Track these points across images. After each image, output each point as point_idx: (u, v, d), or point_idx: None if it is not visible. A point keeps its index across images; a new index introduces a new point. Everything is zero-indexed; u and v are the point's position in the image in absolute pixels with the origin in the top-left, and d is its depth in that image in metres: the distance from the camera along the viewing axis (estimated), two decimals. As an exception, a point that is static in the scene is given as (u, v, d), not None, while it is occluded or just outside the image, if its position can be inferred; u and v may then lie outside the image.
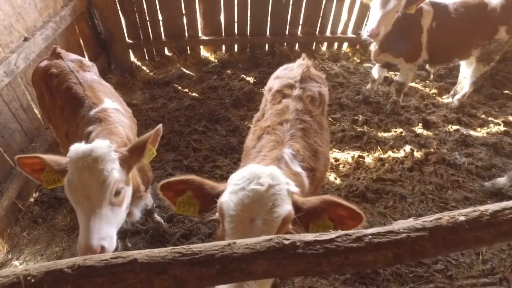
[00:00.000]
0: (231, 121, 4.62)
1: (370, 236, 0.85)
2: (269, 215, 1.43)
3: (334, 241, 0.83)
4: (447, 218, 0.95)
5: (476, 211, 0.97)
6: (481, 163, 4.33)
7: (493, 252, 3.40)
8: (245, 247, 0.78)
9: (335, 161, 4.13)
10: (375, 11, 3.99)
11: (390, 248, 0.85)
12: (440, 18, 4.25)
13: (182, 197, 1.63)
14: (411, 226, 0.90)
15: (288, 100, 2.44)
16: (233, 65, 5.76)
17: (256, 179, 1.51)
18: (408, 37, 4.31)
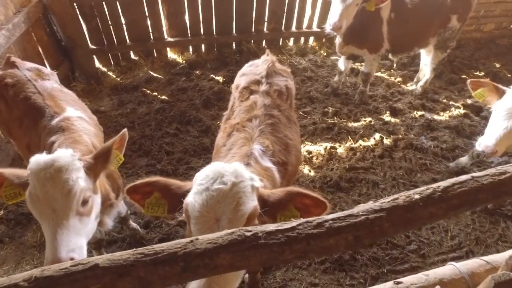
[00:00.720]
0: (202, 122, 4.59)
1: (330, 221, 0.88)
2: (233, 214, 1.44)
3: (295, 229, 0.85)
4: (403, 197, 0.99)
5: (429, 189, 1.03)
6: (445, 145, 4.54)
7: (460, 228, 3.59)
8: (208, 242, 0.79)
9: (308, 153, 4.20)
10: (336, 5, 4.05)
11: (350, 231, 0.88)
12: (398, 9, 4.40)
13: (150, 199, 1.63)
14: (369, 208, 0.94)
15: (256, 96, 2.46)
16: (201, 66, 5.71)
17: (220, 178, 1.51)
18: (369, 29, 4.44)
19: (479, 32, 7.05)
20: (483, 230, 3.62)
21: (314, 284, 3.08)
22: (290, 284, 3.05)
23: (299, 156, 2.52)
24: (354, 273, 3.18)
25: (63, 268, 0.73)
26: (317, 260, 3.22)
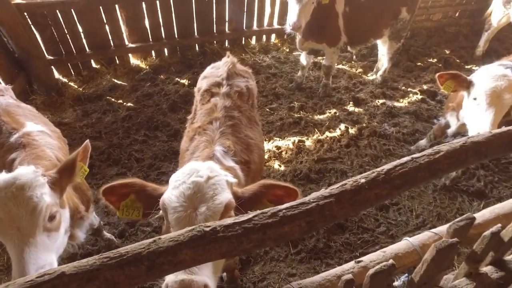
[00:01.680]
0: (170, 126, 4.58)
1: (284, 210, 0.96)
2: (211, 202, 1.51)
3: (251, 220, 0.92)
4: (351, 182, 1.09)
5: (374, 172, 1.13)
6: (406, 130, 4.79)
7: (423, 206, 3.82)
8: (170, 240, 0.84)
9: (277, 149, 4.31)
10: (292, 6, 4.14)
11: (303, 218, 0.96)
12: (351, 2, 4.59)
13: (125, 201, 1.63)
14: (320, 195, 1.03)
15: (216, 99, 2.50)
16: (165, 70, 5.68)
17: (196, 173, 1.59)
18: (326, 24, 4.60)
19: (429, 21, 7.46)
20: (443, 206, 3.88)
21: (292, 274, 3.19)
22: (269, 277, 3.15)
23: (261, 154, 2.60)
24: (329, 259, 3.32)
25: (29, 281, 0.76)
26: (293, 251, 3.34)
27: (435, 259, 1.31)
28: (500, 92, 2.94)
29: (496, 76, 3.00)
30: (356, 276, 1.37)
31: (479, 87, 3.05)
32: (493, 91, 2.95)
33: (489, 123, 2.95)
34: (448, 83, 3.25)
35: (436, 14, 7.45)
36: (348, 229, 3.56)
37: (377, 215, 3.73)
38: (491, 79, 3.00)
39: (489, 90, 2.97)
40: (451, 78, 3.23)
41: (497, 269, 1.69)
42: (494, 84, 2.96)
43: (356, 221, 3.61)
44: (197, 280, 1.23)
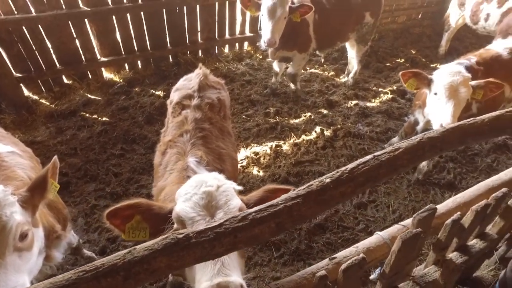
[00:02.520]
0: (147, 138, 4.56)
1: (253, 214, 1.01)
2: (226, 207, 1.57)
3: (222, 225, 0.97)
4: (317, 183, 1.16)
5: (338, 172, 1.21)
6: (379, 129, 4.97)
7: (399, 201, 3.97)
8: (144, 249, 0.87)
9: (255, 155, 4.37)
10: (265, 22, 4.20)
11: (272, 219, 1.02)
12: (320, 10, 4.73)
13: (130, 223, 1.61)
14: (288, 197, 1.09)
15: (187, 111, 2.53)
16: (140, 82, 5.65)
17: (204, 183, 1.64)
18: (298, 33, 4.70)
19: (395, 23, 7.80)
20: (418, 199, 4.04)
21: (276, 278, 3.23)
22: (253, 282, 3.18)
23: (234, 163, 2.64)
24: (312, 260, 3.39)
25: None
26: (276, 255, 3.39)
27: (401, 249, 1.40)
28: (456, 86, 3.19)
29: (452, 72, 3.26)
30: (331, 272, 1.44)
31: (438, 83, 3.29)
32: (451, 85, 3.20)
33: (450, 114, 3.18)
34: (411, 81, 3.47)
35: (400, 16, 7.79)
36: (329, 229, 3.65)
37: (356, 213, 3.84)
38: (448, 75, 3.26)
39: (447, 85, 3.21)
40: (413, 76, 3.45)
41: (462, 254, 1.80)
42: (451, 79, 3.21)
43: (336, 221, 3.71)
44: (233, 280, 1.25)
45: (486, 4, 5.89)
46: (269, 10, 4.11)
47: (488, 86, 3.14)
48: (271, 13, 4.11)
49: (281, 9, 4.11)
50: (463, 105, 3.31)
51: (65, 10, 4.87)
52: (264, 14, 4.17)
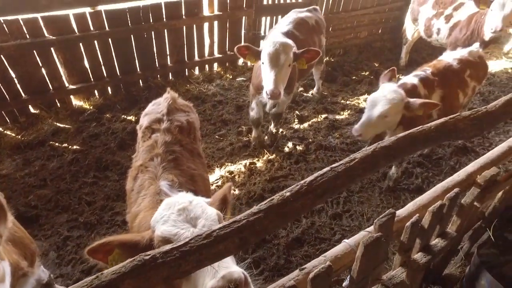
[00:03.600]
0: (120, 164, 4.51)
1: (217, 231, 1.07)
2: (205, 215, 1.65)
3: (188, 244, 1.01)
4: (278, 197, 1.23)
5: (297, 185, 1.28)
6: (349, 140, 5.16)
7: (372, 209, 4.11)
8: (112, 273, 0.90)
9: (230, 174, 4.41)
10: (267, 72, 3.71)
11: (236, 235, 1.07)
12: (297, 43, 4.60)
13: (112, 255, 1.66)
14: (250, 212, 1.15)
15: (157, 135, 2.56)
16: (110, 108, 5.62)
17: (177, 203, 1.70)
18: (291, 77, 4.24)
19: (358, 39, 8.20)
20: (390, 206, 4.19)
21: (258, 295, 3.24)
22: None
23: (206, 183, 2.68)
24: (291, 274, 3.42)
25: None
26: (256, 271, 3.40)
27: (365, 254, 1.48)
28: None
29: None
30: (301, 283, 1.49)
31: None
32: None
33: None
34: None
35: (362, 32, 8.22)
36: (306, 241, 3.70)
37: (332, 224, 3.93)
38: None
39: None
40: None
41: (425, 254, 1.91)
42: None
43: (313, 233, 3.78)
44: (235, 270, 1.34)
45: (436, 20, 6.36)
46: (271, 57, 3.65)
47: (425, 105, 3.29)
48: (273, 61, 3.65)
49: (285, 56, 3.67)
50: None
51: (29, 40, 4.83)
52: (266, 63, 3.71)
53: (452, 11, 6.17)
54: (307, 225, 3.82)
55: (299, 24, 4.78)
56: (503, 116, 1.96)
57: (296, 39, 4.44)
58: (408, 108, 3.30)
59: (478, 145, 5.28)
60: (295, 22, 4.76)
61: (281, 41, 3.74)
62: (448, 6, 6.27)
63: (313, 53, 3.90)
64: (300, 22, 4.83)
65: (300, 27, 4.76)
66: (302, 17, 4.94)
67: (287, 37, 4.21)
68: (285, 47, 3.71)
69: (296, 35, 4.57)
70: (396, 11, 8.25)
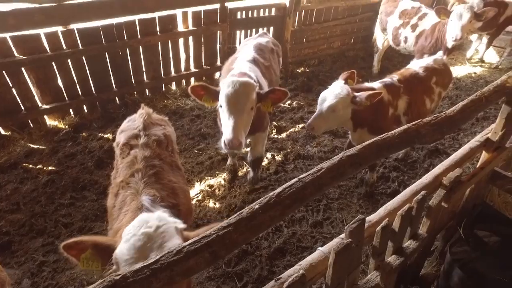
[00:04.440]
0: (99, 183, 4.44)
1: (188, 246, 1.09)
2: (160, 250, 1.59)
3: (158, 261, 1.03)
4: (247, 210, 1.26)
5: (266, 197, 1.33)
6: (326, 148, 5.27)
7: (352, 215, 4.19)
8: (80, 297, 0.91)
9: (210, 187, 4.41)
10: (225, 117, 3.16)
11: (206, 249, 1.10)
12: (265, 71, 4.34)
13: (85, 254, 1.69)
14: (220, 226, 1.18)
15: (136, 150, 2.57)
16: (87, 127, 5.53)
17: (145, 224, 1.68)
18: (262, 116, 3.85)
19: (331, 49, 8.46)
20: (369, 211, 4.29)
21: (242, 308, 3.23)
22: (219, 316, 3.14)
23: (187, 195, 2.70)
24: (276, 286, 3.42)
25: None
26: (240, 285, 3.39)
27: (337, 261, 1.52)
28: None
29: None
30: (278, 293, 1.52)
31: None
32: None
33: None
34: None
35: (335, 42, 8.48)
36: (288, 251, 3.73)
37: (313, 232, 3.98)
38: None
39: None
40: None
41: (398, 256, 1.98)
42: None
43: (295, 242, 3.81)
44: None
45: (403, 29, 6.67)
46: (230, 100, 3.08)
47: (371, 96, 3.35)
48: (232, 105, 3.07)
49: (246, 98, 3.09)
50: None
51: (-2, 60, 4.74)
52: (224, 106, 3.11)
53: (417, 21, 6.49)
54: (288, 235, 3.85)
55: (261, 50, 4.49)
56: (461, 120, 2.08)
57: (262, 66, 4.16)
58: (356, 102, 3.41)
59: (449, 146, 5.50)
60: (257, 48, 4.47)
61: (241, 80, 3.14)
62: (413, 16, 6.59)
63: (280, 93, 3.30)
64: (261, 47, 4.56)
65: (262, 52, 4.47)
66: (261, 43, 4.66)
67: (253, 64, 3.94)
68: (246, 87, 3.11)
69: (261, 61, 4.24)
70: (366, 21, 8.57)
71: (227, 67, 4.21)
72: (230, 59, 4.47)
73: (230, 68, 3.91)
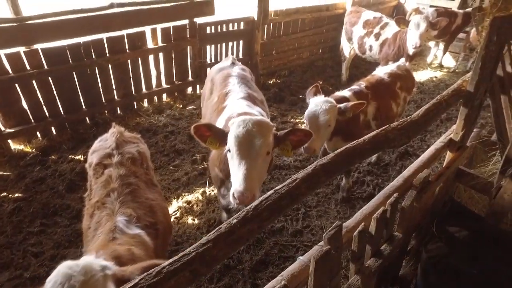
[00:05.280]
0: (71, 208, 4.26)
1: (167, 267, 1.07)
2: None
3: (138, 284, 1.01)
4: (225, 225, 1.27)
5: (243, 211, 1.34)
6: (302, 157, 5.35)
7: (330, 221, 4.25)
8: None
9: (188, 203, 4.35)
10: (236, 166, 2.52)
11: (186, 268, 1.09)
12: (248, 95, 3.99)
13: None
14: (199, 243, 1.17)
15: (110, 170, 2.53)
16: (56, 149, 5.33)
17: (68, 281, 1.44)
18: None
19: (301, 59, 8.68)
20: (347, 216, 4.37)
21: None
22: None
23: (166, 212, 2.67)
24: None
25: None
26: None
27: (317, 268, 1.55)
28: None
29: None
30: (261, 305, 1.52)
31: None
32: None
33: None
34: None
35: (304, 52, 8.71)
36: (271, 262, 3.72)
37: (294, 241, 4.00)
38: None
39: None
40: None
41: (377, 259, 2.03)
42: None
43: (276, 253, 3.81)
44: None
45: (367, 38, 6.99)
46: (242, 143, 2.47)
47: (354, 106, 3.48)
48: (245, 149, 2.47)
49: (261, 140, 2.47)
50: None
51: (-47, 84, 4.51)
52: (234, 151, 2.50)
53: (380, 30, 6.82)
54: (269, 246, 3.85)
55: (248, 82, 3.92)
56: (425, 123, 2.20)
57: (259, 102, 3.59)
58: (342, 113, 3.52)
59: (418, 148, 5.74)
60: (240, 78, 3.88)
61: (255, 119, 2.53)
62: (375, 26, 6.92)
63: (302, 135, 2.71)
64: (243, 76, 3.96)
65: (251, 85, 3.91)
66: (243, 74, 4.05)
67: (249, 101, 3.34)
68: (261, 127, 2.51)
69: (255, 96, 3.64)
70: (332, 31, 8.88)
71: (214, 107, 3.56)
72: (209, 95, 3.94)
73: (221, 108, 3.34)
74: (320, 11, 8.29)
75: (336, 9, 8.54)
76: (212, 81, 4.14)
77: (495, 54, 2.33)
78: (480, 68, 2.35)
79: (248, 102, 3.39)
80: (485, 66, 2.35)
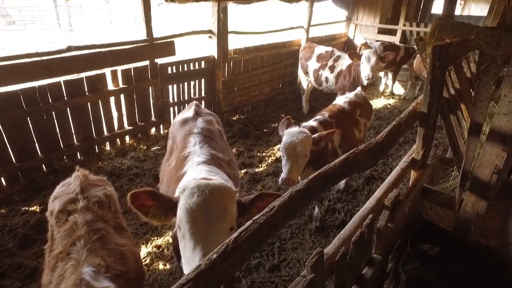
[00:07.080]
0: (23, 266, 3.83)
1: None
2: None
3: None
4: (205, 262, 1.19)
5: (223, 245, 1.27)
6: (271, 190, 5.32)
7: (307, 252, 4.18)
8: None
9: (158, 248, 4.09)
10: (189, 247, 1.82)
11: (165, 314, 0.99)
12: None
13: None
14: (178, 284, 1.08)
15: (75, 216, 2.34)
16: (6, 201, 4.88)
17: None
18: None
19: (262, 94, 8.95)
20: (322, 245, 4.33)
21: None
22: None
23: (137, 258, 2.49)
24: None
25: None
26: None
27: (303, 299, 1.48)
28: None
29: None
30: None
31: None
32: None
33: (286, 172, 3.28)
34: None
35: (265, 88, 9.01)
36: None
37: (272, 277, 3.86)
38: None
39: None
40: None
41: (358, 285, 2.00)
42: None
43: (255, 291, 3.65)
44: None
45: (322, 71, 7.41)
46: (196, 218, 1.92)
47: (327, 135, 3.69)
48: (199, 225, 1.90)
49: (222, 212, 1.98)
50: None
51: None
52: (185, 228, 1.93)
53: (333, 63, 7.29)
54: (247, 285, 3.68)
55: (208, 137, 3.29)
56: (389, 144, 2.29)
57: (224, 163, 3.05)
58: (316, 143, 3.61)
59: (382, 172, 5.95)
60: (203, 136, 3.25)
61: (212, 185, 2.03)
62: (329, 59, 7.39)
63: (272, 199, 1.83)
64: (207, 132, 3.36)
65: (215, 142, 3.29)
66: (203, 127, 3.41)
67: (213, 165, 2.78)
68: (222, 195, 2.01)
69: (219, 157, 3.05)
70: (290, 67, 9.31)
71: (172, 173, 3.00)
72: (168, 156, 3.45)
73: (180, 176, 2.73)
74: (277, 48, 8.72)
75: (292, 45, 9.03)
76: (174, 139, 3.52)
77: (440, 78, 2.54)
78: (429, 90, 2.54)
79: (210, 167, 2.71)
80: (433, 88, 2.55)
